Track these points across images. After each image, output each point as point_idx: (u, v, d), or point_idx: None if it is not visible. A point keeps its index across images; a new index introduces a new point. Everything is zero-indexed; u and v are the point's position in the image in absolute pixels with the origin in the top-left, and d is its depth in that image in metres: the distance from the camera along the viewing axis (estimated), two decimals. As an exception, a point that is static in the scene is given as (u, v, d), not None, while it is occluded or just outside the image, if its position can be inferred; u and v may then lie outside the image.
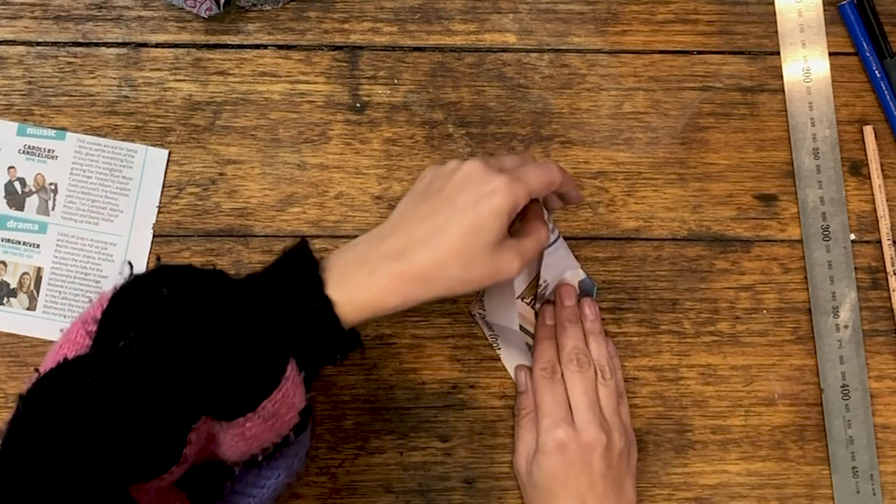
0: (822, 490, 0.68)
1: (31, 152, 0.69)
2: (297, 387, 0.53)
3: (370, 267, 0.55)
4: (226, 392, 0.51)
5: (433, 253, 0.55)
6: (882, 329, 0.70)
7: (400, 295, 0.55)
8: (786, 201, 0.71)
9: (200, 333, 0.51)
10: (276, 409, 0.52)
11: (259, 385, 0.52)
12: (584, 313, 0.67)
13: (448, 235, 0.55)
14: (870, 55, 0.71)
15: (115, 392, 0.49)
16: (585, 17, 0.72)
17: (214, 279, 0.54)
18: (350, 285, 0.55)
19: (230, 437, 0.53)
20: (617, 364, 0.67)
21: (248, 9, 0.71)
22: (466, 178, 0.57)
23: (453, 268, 0.55)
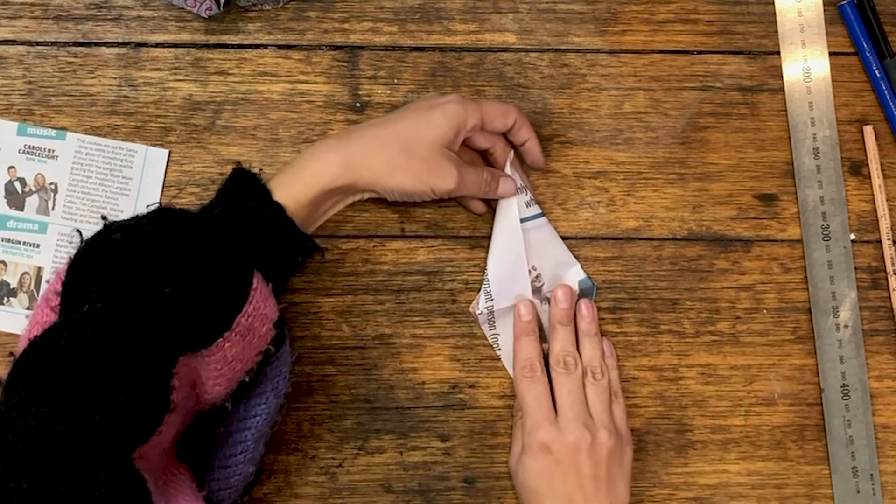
0: (822, 490, 0.68)
1: (31, 152, 0.69)
2: (267, 298, 0.55)
3: (312, 151, 0.60)
4: (199, 317, 0.51)
5: (376, 131, 0.61)
6: (882, 329, 0.70)
7: (339, 168, 0.59)
8: (786, 201, 0.71)
9: (161, 269, 0.51)
10: (251, 322, 0.53)
11: (229, 302, 0.53)
12: (582, 314, 0.67)
13: (395, 124, 0.61)
14: (870, 55, 0.71)
15: (90, 353, 0.48)
16: (585, 17, 0.72)
17: (164, 216, 0.54)
18: (294, 175, 0.58)
19: (213, 366, 0.53)
20: (613, 364, 0.67)
21: (248, 9, 0.71)
22: (426, 96, 0.64)
23: (394, 146, 0.60)
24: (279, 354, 0.57)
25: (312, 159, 0.59)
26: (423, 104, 0.63)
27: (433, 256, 0.69)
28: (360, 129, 0.62)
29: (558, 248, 0.69)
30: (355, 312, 0.68)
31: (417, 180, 0.60)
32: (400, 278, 0.69)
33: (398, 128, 0.61)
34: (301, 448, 0.67)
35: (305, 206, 0.58)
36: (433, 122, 0.61)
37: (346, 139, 0.61)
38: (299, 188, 0.58)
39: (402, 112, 0.63)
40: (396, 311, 0.68)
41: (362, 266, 0.69)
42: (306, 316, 0.68)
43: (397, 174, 0.60)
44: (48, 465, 0.46)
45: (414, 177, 0.60)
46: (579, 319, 0.67)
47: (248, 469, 0.58)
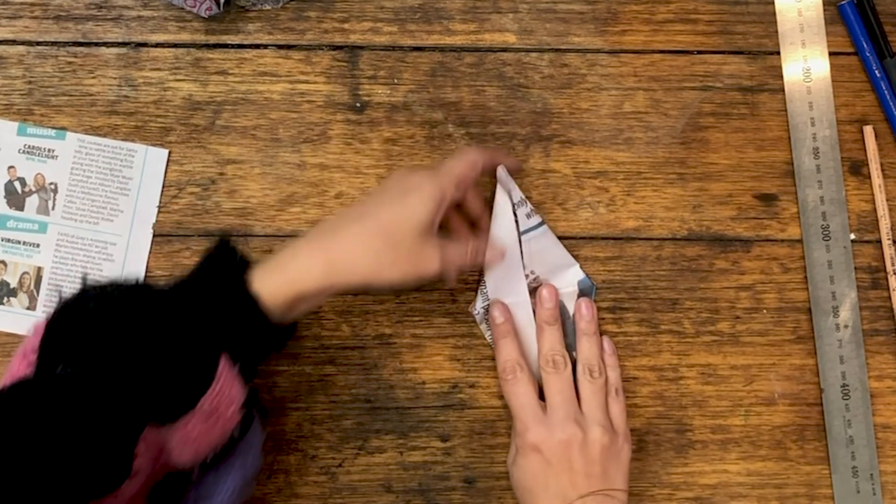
0: (822, 490, 0.68)
1: (31, 152, 0.69)
2: (233, 381, 0.54)
3: (295, 249, 0.58)
4: (163, 395, 0.52)
5: (359, 228, 0.58)
6: (882, 329, 0.70)
7: (324, 270, 0.57)
8: (786, 201, 0.71)
9: (131, 344, 0.52)
10: (215, 405, 0.53)
11: (194, 383, 0.53)
12: (581, 313, 0.67)
13: (374, 216, 0.58)
14: (870, 55, 0.71)
15: (57, 412, 0.49)
16: (585, 17, 0.72)
17: (139, 290, 0.55)
18: (274, 270, 0.57)
19: (177, 441, 0.53)
20: (614, 363, 0.67)
21: (248, 9, 0.71)
22: (394, 176, 0.61)
23: (377, 243, 0.58)
24: (248, 436, 0.57)
25: (296, 258, 0.57)
26: (398, 187, 0.60)
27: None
28: (342, 224, 0.59)
29: (558, 251, 0.69)
30: (355, 312, 0.68)
31: (403, 273, 0.59)
32: (400, 278, 0.69)
33: (379, 220, 0.58)
34: (301, 448, 0.67)
35: (282, 305, 0.56)
36: (412, 207, 0.59)
37: (329, 238, 0.58)
38: (277, 286, 0.56)
39: (380, 198, 0.60)
40: (396, 311, 0.68)
41: (362, 266, 0.69)
42: (306, 316, 0.68)
43: (384, 273, 0.58)
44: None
45: (400, 270, 0.59)
46: (578, 318, 0.67)
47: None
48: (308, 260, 0.57)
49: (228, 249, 0.58)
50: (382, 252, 0.58)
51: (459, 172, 0.62)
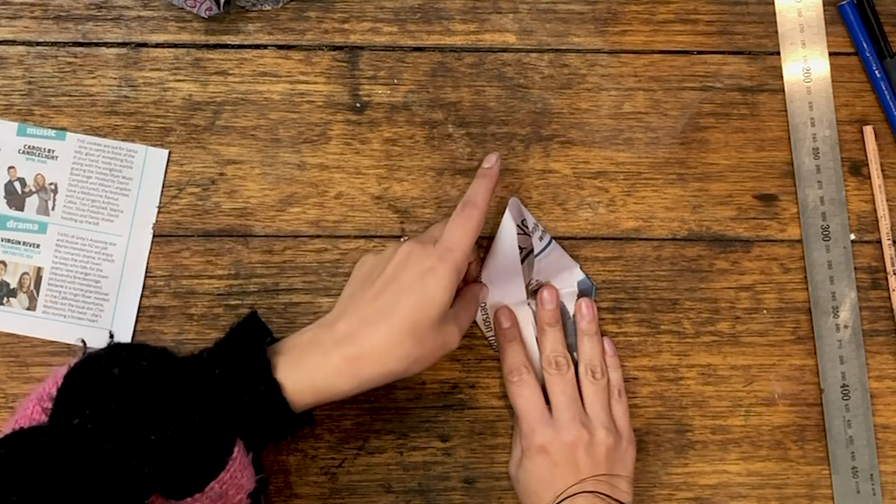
0: (822, 490, 0.68)
1: (31, 152, 0.69)
2: (245, 468, 0.55)
3: (324, 349, 0.56)
4: (174, 472, 0.52)
5: (387, 331, 0.56)
6: (882, 329, 0.70)
7: (353, 378, 0.56)
8: (786, 201, 0.71)
9: (150, 415, 0.52)
10: (224, 490, 0.54)
11: (205, 466, 0.53)
12: (582, 313, 0.67)
13: (399, 313, 0.56)
14: (870, 55, 0.71)
15: (69, 464, 0.50)
16: (585, 17, 0.72)
17: (165, 359, 0.55)
18: (303, 368, 0.55)
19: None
20: (615, 364, 0.67)
21: (248, 9, 0.71)
22: (406, 258, 0.58)
23: (406, 344, 0.56)
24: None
25: (324, 366, 0.55)
26: (413, 270, 0.58)
27: (433, 256, 0.69)
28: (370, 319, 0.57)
29: (563, 259, 0.69)
30: (355, 312, 0.68)
31: (430, 361, 0.58)
32: (400, 278, 0.69)
33: (405, 317, 0.56)
34: (301, 448, 0.67)
35: (305, 402, 0.56)
36: (432, 296, 0.57)
37: (359, 343, 0.56)
38: (304, 385, 0.55)
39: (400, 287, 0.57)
40: (396, 311, 0.68)
41: (362, 266, 0.69)
42: (306, 316, 0.68)
43: (413, 369, 0.57)
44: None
45: (427, 362, 0.58)
46: (579, 319, 0.67)
47: None
48: (337, 371, 0.55)
49: (258, 325, 0.57)
50: (412, 351, 0.56)
51: (467, 241, 0.59)
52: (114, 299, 0.67)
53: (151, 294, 0.68)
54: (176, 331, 0.67)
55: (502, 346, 0.66)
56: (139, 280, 0.68)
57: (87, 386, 0.53)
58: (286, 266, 0.68)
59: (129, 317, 0.67)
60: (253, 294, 0.68)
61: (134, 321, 0.67)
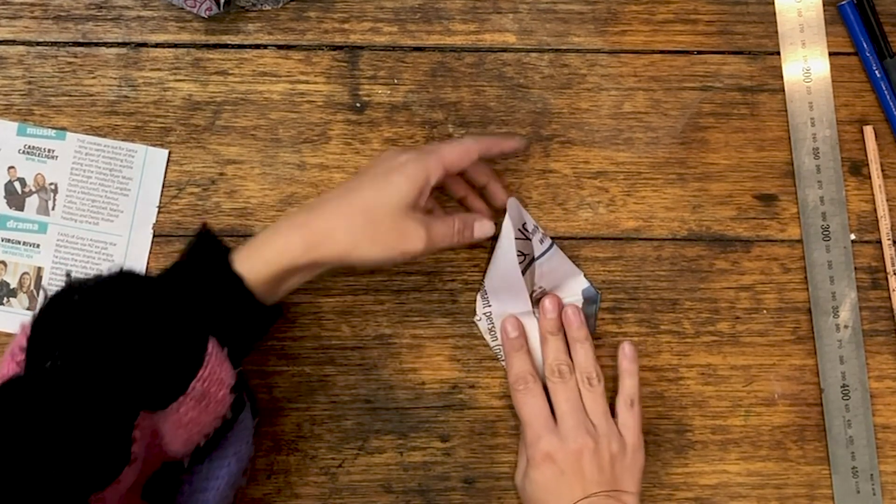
0: (822, 490, 0.68)
1: (31, 152, 0.69)
2: (222, 363, 0.55)
3: (274, 229, 0.58)
4: (153, 381, 0.52)
5: (337, 207, 0.59)
6: (882, 329, 0.70)
7: (301, 247, 0.57)
8: (786, 201, 0.71)
9: (118, 332, 0.52)
10: (206, 388, 0.54)
11: (183, 366, 0.53)
12: (569, 320, 0.66)
13: (357, 194, 0.59)
14: (870, 55, 0.71)
15: (50, 406, 0.49)
16: (585, 17, 0.72)
17: (124, 278, 0.55)
18: (261, 255, 0.57)
19: (170, 426, 0.53)
20: (633, 370, 0.66)
21: (248, 9, 0.71)
22: (381, 156, 0.62)
23: (357, 221, 0.58)
24: (240, 420, 0.57)
25: (276, 236, 0.58)
26: (383, 166, 0.61)
27: (433, 256, 0.69)
28: (323, 202, 0.59)
29: (565, 265, 0.69)
30: (355, 312, 0.68)
31: (385, 249, 0.59)
32: (400, 278, 0.69)
33: (360, 197, 0.59)
34: (301, 448, 0.67)
35: (266, 282, 0.57)
36: (394, 185, 0.59)
37: (309, 214, 0.59)
38: (260, 264, 0.57)
39: (363, 177, 0.61)
40: (396, 311, 0.68)
41: (362, 266, 0.69)
42: (306, 316, 0.68)
43: (363, 246, 0.58)
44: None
45: (381, 246, 0.59)
46: (567, 327, 0.66)
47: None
48: (287, 237, 0.58)
49: (209, 238, 0.58)
50: (361, 228, 0.58)
51: (449, 157, 0.61)
52: (114, 299, 0.67)
53: (151, 294, 0.68)
54: (176, 331, 0.67)
55: (508, 355, 0.66)
56: (139, 280, 0.68)
57: (55, 326, 0.53)
58: (286, 266, 0.68)
59: (129, 317, 0.67)
60: (253, 294, 0.68)
61: (134, 321, 0.67)
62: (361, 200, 0.59)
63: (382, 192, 0.59)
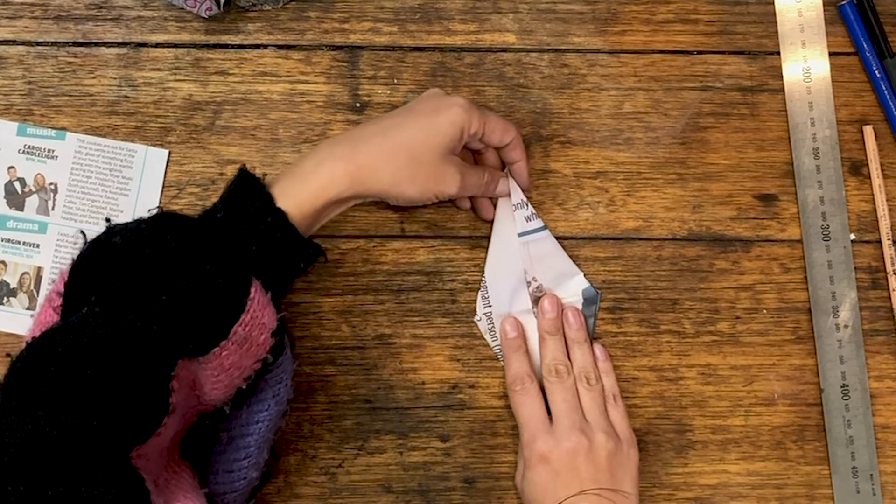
0: (822, 490, 0.68)
1: (31, 152, 0.69)
2: (265, 307, 0.54)
3: (318, 160, 0.58)
4: (195, 325, 0.51)
5: (381, 144, 0.59)
6: (882, 329, 0.70)
7: (345, 182, 0.58)
8: (786, 201, 0.71)
9: (159, 275, 0.51)
10: (248, 332, 0.53)
11: (225, 311, 0.52)
12: (569, 322, 0.67)
13: (401, 132, 0.60)
14: (870, 55, 0.71)
15: (88, 356, 0.48)
16: (585, 17, 0.72)
17: (165, 220, 0.54)
18: (301, 183, 0.57)
19: (210, 372, 0.53)
20: (608, 369, 0.67)
21: (248, 9, 0.71)
22: (428, 94, 0.63)
23: (401, 159, 0.59)
24: (279, 362, 0.56)
25: (319, 169, 0.58)
26: (429, 104, 0.62)
27: (433, 256, 0.69)
28: (367, 136, 0.60)
29: (560, 258, 0.69)
30: (355, 312, 0.68)
31: (423, 188, 0.60)
32: (400, 278, 0.69)
33: (405, 136, 0.60)
34: (301, 448, 0.67)
35: (309, 216, 0.57)
36: (439, 129, 0.60)
37: (353, 149, 0.59)
38: (305, 198, 0.57)
39: (409, 115, 0.62)
40: (396, 311, 0.68)
41: (362, 266, 0.69)
42: (306, 316, 0.68)
43: (404, 184, 0.60)
44: (45, 466, 0.46)
45: (420, 185, 0.60)
46: (567, 328, 0.67)
47: (252, 474, 0.58)
48: (332, 171, 0.58)
49: (249, 176, 0.58)
50: (404, 167, 0.59)
51: (492, 123, 0.63)
52: (114, 299, 0.67)
53: (151, 294, 0.68)
54: (176, 331, 0.67)
55: (507, 356, 0.66)
56: (139, 280, 0.68)
57: (92, 271, 0.52)
58: (286, 266, 0.68)
59: (129, 317, 0.67)
60: (253, 294, 0.68)
61: (134, 321, 0.67)
62: (406, 139, 0.60)
63: (427, 133, 0.60)
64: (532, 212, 0.68)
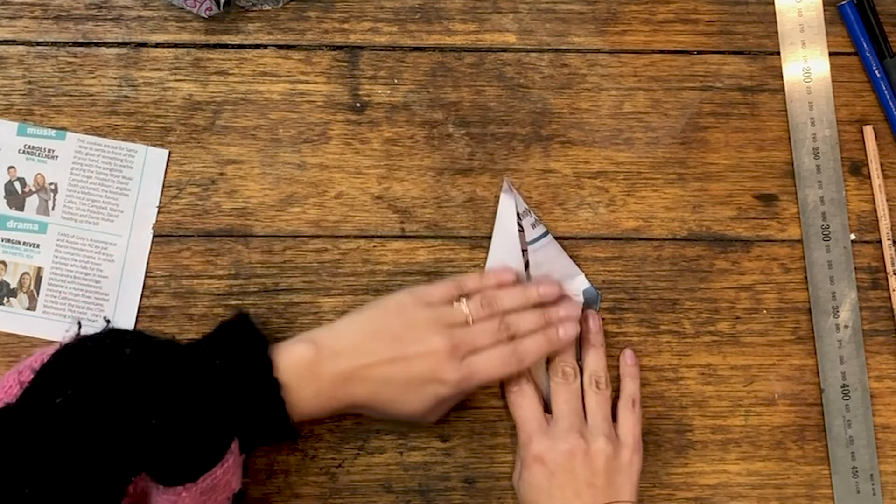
0: (822, 490, 0.68)
1: (31, 152, 0.69)
2: (237, 467, 0.55)
3: (317, 388, 0.58)
4: (172, 459, 0.52)
5: (375, 393, 0.59)
6: (882, 329, 0.70)
7: (339, 410, 0.60)
8: (786, 201, 0.71)
9: (154, 398, 0.52)
10: (214, 484, 0.54)
11: (204, 457, 0.53)
12: (588, 325, 0.67)
13: (391, 388, 0.60)
14: (870, 55, 0.71)
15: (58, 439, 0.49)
16: (585, 17, 0.72)
17: (174, 350, 0.55)
18: (298, 392, 0.57)
19: (162, 501, 0.53)
20: (635, 374, 0.67)
21: (248, 9, 0.71)
22: (430, 357, 0.60)
23: (382, 405, 0.60)
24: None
25: (319, 398, 0.58)
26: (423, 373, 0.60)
27: (433, 256, 0.69)
28: (364, 382, 0.59)
29: (563, 261, 0.69)
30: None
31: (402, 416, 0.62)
32: (400, 278, 0.69)
33: (396, 396, 0.60)
34: (301, 448, 0.67)
35: (296, 414, 0.58)
36: (424, 404, 0.61)
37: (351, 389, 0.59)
38: (301, 402, 0.58)
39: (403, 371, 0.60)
40: (396, 311, 0.68)
41: (362, 266, 0.69)
42: (306, 316, 0.68)
43: (392, 418, 0.62)
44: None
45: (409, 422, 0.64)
46: (585, 331, 0.67)
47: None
48: (329, 405, 0.59)
49: (250, 329, 0.58)
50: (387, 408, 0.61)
51: (486, 380, 0.62)
52: (114, 299, 0.67)
53: (151, 294, 0.68)
54: (176, 331, 0.67)
55: None
56: (139, 280, 0.68)
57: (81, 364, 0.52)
58: (286, 266, 0.68)
59: (129, 317, 0.67)
60: (253, 294, 0.68)
61: (134, 321, 0.67)
62: (396, 396, 0.60)
63: (414, 399, 0.60)
64: (536, 218, 0.68)
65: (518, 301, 0.64)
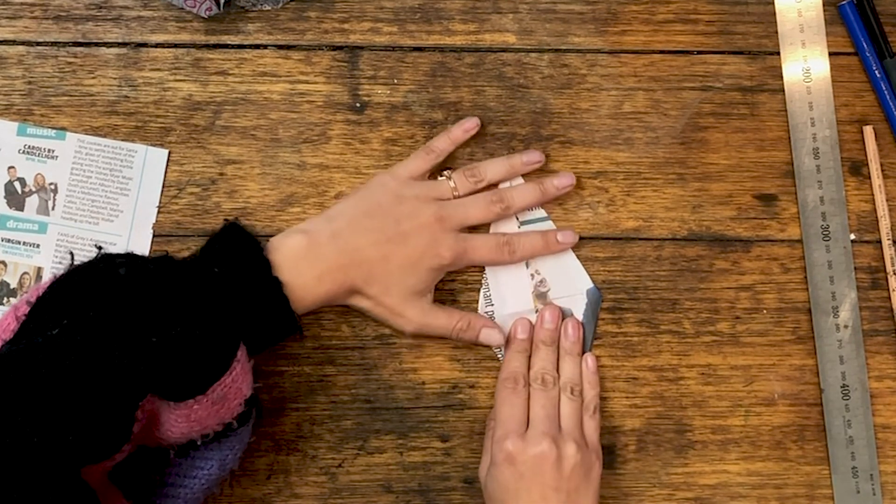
0: (822, 490, 0.68)
1: (31, 152, 0.69)
2: (247, 373, 0.55)
3: (318, 271, 0.61)
4: (178, 374, 0.52)
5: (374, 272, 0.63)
6: (882, 329, 0.70)
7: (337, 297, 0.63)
8: (786, 201, 0.71)
9: (154, 316, 0.52)
10: (225, 393, 0.53)
11: (212, 368, 0.53)
12: (567, 333, 0.67)
13: (389, 266, 0.63)
14: (870, 55, 0.71)
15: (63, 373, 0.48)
16: (585, 17, 0.72)
17: (170, 265, 0.55)
18: (298, 280, 0.59)
19: (175, 417, 0.53)
20: (595, 381, 0.67)
21: (248, 9, 0.71)
22: (425, 230, 0.64)
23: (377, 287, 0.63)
24: (239, 431, 0.57)
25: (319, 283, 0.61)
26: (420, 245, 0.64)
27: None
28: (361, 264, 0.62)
29: (567, 255, 0.69)
30: (355, 312, 0.68)
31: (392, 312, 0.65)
32: (400, 278, 0.69)
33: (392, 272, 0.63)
34: (301, 448, 0.67)
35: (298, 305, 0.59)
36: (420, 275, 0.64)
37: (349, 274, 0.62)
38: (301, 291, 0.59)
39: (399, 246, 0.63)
40: (396, 311, 0.68)
41: (362, 266, 0.69)
42: (306, 316, 0.68)
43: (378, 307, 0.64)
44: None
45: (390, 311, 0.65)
46: (563, 338, 0.67)
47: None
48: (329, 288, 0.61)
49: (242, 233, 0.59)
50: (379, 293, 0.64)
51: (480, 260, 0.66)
52: (114, 299, 0.67)
53: (151, 294, 0.68)
54: (176, 331, 0.67)
55: (510, 352, 0.67)
56: (139, 280, 0.68)
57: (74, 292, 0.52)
58: (286, 266, 0.68)
59: (129, 317, 0.67)
60: (253, 294, 0.68)
61: (134, 321, 0.67)
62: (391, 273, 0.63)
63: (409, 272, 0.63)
64: None
65: (503, 169, 0.68)
